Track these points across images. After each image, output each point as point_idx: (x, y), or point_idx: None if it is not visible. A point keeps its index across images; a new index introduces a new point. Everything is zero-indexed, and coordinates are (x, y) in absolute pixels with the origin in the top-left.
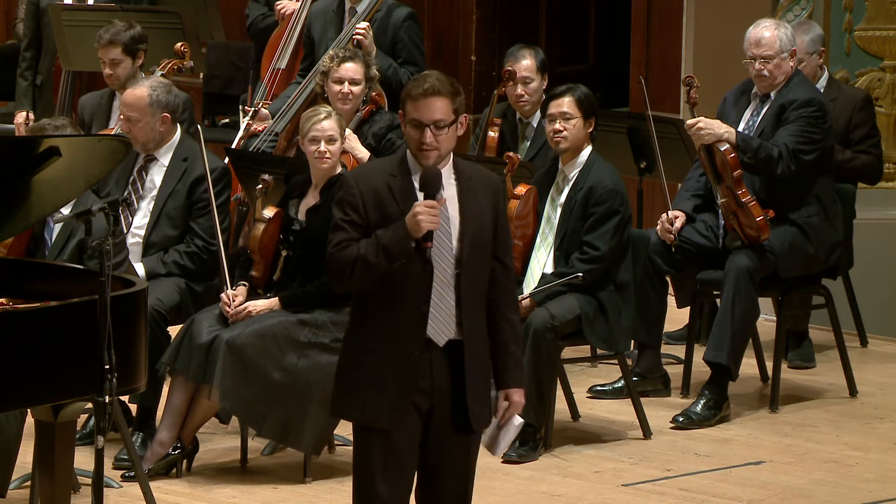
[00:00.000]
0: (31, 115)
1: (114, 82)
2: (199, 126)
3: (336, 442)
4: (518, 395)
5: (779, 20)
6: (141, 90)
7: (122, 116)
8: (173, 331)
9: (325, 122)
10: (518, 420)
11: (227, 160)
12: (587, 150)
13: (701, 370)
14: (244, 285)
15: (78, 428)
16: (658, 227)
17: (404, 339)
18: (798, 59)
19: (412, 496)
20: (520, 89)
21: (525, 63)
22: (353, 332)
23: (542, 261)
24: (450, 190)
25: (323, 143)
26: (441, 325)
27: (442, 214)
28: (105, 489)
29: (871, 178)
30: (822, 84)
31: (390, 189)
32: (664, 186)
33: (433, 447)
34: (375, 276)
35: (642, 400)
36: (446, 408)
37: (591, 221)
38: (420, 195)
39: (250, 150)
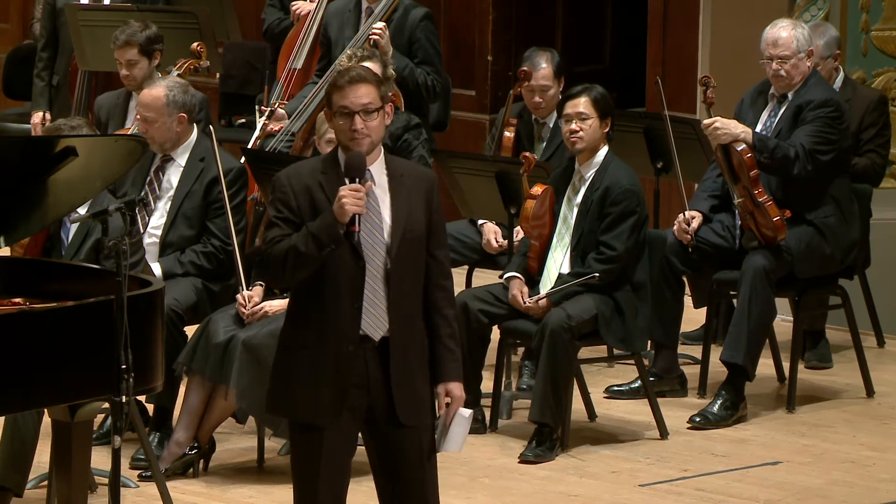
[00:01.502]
0: (48, 116)
1: (130, 83)
2: (210, 126)
3: None
4: (458, 389)
5: (796, 20)
6: (158, 90)
7: (138, 116)
8: (190, 330)
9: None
10: (466, 412)
11: (243, 160)
12: (603, 150)
13: (718, 370)
14: (260, 285)
15: (95, 428)
16: (675, 228)
17: (338, 335)
18: (814, 62)
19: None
20: (537, 97)
21: (542, 71)
22: (288, 330)
23: (558, 261)
24: (381, 185)
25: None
26: (375, 319)
27: (373, 209)
28: (122, 489)
29: (872, 180)
30: (837, 85)
31: (321, 185)
32: (681, 187)
33: (380, 444)
34: (309, 268)
35: (659, 400)
36: (383, 403)
37: (607, 221)
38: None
39: (267, 150)
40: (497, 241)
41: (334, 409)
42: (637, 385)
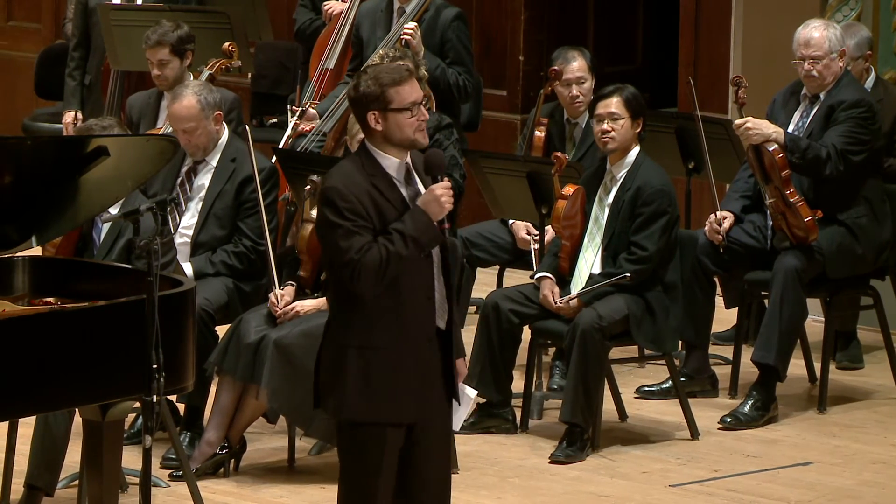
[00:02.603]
0: (80, 115)
1: (162, 83)
2: (246, 126)
3: None
4: (463, 366)
5: (828, 20)
6: (189, 100)
7: (177, 130)
8: (221, 330)
9: None
10: (472, 391)
11: (274, 160)
12: (635, 150)
13: (749, 371)
14: (292, 285)
15: (126, 427)
16: (706, 228)
17: (417, 330)
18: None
19: None
20: (574, 90)
21: (576, 63)
22: (349, 331)
23: (589, 261)
24: (416, 177)
25: (355, 140)
26: (440, 311)
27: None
28: (153, 488)
29: None
30: (868, 85)
31: (375, 187)
32: (712, 187)
33: (421, 432)
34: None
35: (690, 400)
36: (439, 394)
37: (638, 222)
38: (398, 184)
39: (298, 149)
40: (529, 234)
41: (417, 406)
42: (668, 385)
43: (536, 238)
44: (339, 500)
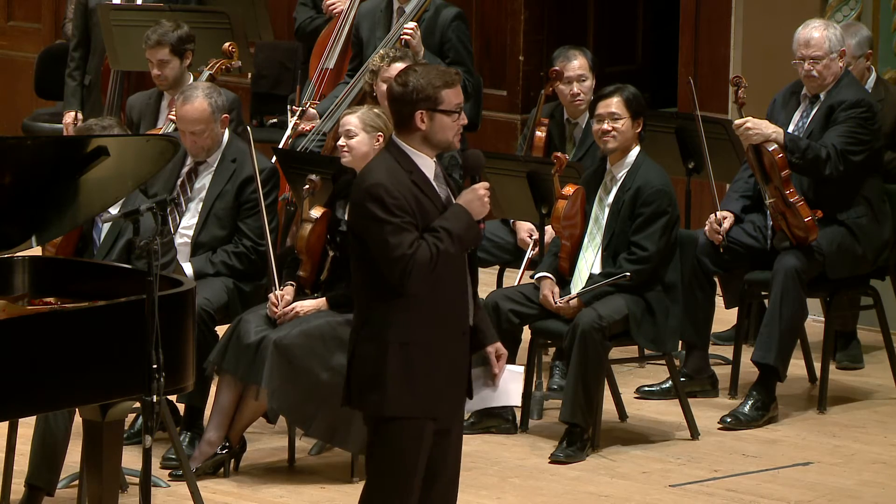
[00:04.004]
0: (80, 116)
1: (162, 83)
2: (248, 127)
3: None
4: (501, 347)
5: (828, 20)
6: (200, 103)
7: (184, 131)
8: (221, 330)
9: (348, 117)
10: (517, 368)
11: (274, 160)
12: (635, 150)
13: (749, 371)
14: (291, 285)
15: (126, 427)
16: (706, 228)
17: (456, 326)
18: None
19: None
20: (575, 88)
21: (577, 62)
22: (388, 328)
23: (589, 261)
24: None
25: (343, 137)
26: (471, 307)
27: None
28: (153, 488)
29: None
30: (869, 85)
31: (416, 185)
32: (712, 187)
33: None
34: None
35: (690, 400)
36: (462, 385)
37: (638, 222)
38: (433, 182)
39: (298, 149)
40: (530, 236)
41: (458, 402)
42: (668, 385)
43: (535, 244)
44: (368, 497)
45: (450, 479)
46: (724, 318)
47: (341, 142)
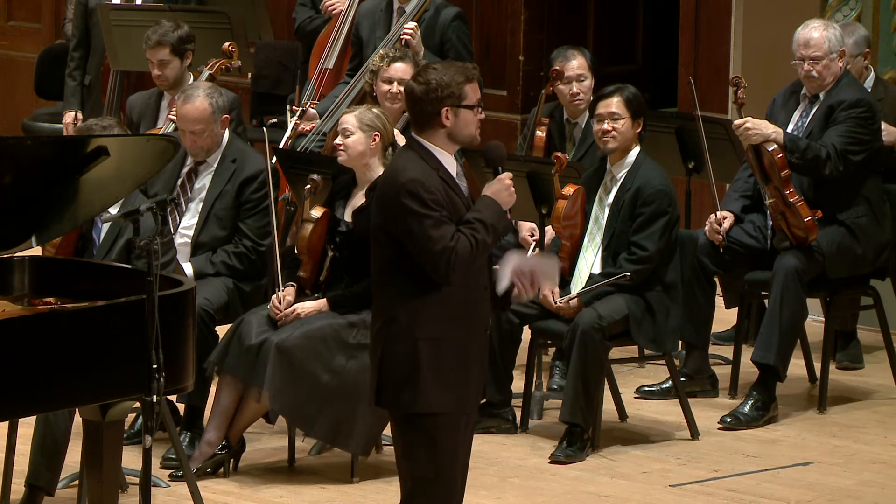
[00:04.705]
0: (80, 116)
1: (162, 83)
2: (265, 128)
3: (384, 442)
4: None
5: (827, 21)
6: (201, 102)
7: (184, 131)
8: (221, 330)
9: (346, 116)
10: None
11: (274, 160)
12: (635, 150)
13: (749, 371)
14: (292, 286)
15: (126, 427)
16: (706, 228)
17: (482, 320)
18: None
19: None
20: (574, 87)
21: (576, 62)
22: (419, 325)
23: (589, 261)
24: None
25: (339, 136)
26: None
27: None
28: (153, 488)
29: None
30: (868, 84)
31: (443, 180)
32: (712, 187)
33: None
34: None
35: (690, 400)
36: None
37: (639, 222)
38: (459, 181)
39: (298, 149)
40: (531, 237)
41: (479, 396)
42: (668, 385)
43: (535, 244)
44: (411, 496)
45: (466, 466)
46: (724, 318)
47: (338, 140)
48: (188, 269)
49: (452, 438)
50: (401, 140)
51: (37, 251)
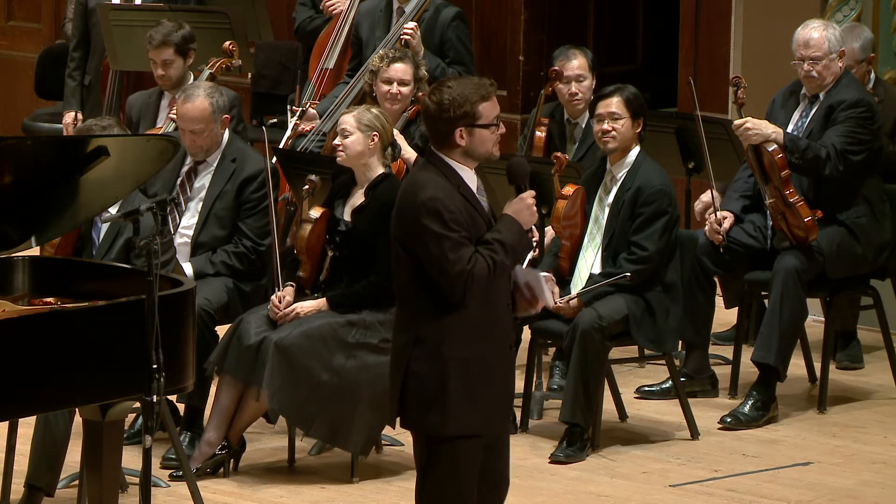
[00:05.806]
0: (80, 116)
1: (165, 83)
2: (264, 127)
3: (384, 442)
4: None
5: (827, 21)
6: (201, 102)
7: (183, 130)
8: (221, 330)
9: (344, 116)
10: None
11: (274, 160)
12: (635, 150)
13: (749, 371)
14: (291, 286)
15: (126, 427)
16: (706, 228)
17: (506, 338)
18: (847, 65)
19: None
20: (573, 87)
21: (576, 62)
22: (446, 344)
23: (589, 261)
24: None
25: (338, 136)
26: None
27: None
28: (153, 488)
29: None
30: (869, 85)
31: (464, 197)
32: (712, 187)
33: (499, 437)
34: None
35: (690, 400)
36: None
37: (639, 222)
38: (479, 195)
39: (298, 149)
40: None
41: (508, 415)
42: (668, 385)
43: (535, 244)
44: None
45: (505, 479)
46: (724, 318)
47: (336, 140)
48: (188, 268)
49: (473, 462)
50: (401, 140)
51: (36, 251)
